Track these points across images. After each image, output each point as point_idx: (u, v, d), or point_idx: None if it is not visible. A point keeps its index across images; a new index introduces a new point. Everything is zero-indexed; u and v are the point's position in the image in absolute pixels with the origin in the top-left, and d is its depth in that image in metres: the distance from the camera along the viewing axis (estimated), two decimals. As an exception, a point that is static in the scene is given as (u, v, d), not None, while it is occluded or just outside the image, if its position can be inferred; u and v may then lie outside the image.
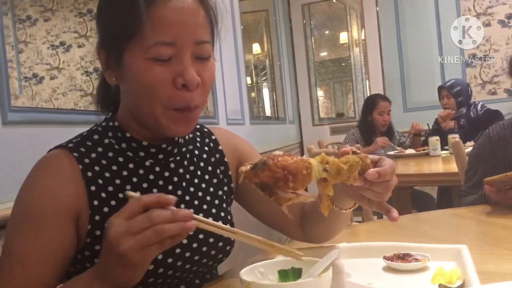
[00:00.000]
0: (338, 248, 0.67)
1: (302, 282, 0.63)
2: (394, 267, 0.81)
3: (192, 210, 0.65)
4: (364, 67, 5.20)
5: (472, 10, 4.49)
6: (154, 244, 0.62)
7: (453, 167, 2.25)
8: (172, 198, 0.64)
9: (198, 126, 1.01)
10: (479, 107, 3.48)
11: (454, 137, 3.23)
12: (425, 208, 3.12)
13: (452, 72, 4.49)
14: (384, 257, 0.84)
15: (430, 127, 3.64)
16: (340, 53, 5.71)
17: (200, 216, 0.67)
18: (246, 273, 0.66)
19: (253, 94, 4.22)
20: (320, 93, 5.80)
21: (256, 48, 4.40)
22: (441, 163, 2.94)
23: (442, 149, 3.19)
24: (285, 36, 5.12)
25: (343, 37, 5.51)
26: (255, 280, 0.66)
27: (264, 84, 4.60)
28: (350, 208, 0.83)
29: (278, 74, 4.70)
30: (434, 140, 3.19)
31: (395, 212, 0.74)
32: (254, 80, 4.31)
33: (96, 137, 0.87)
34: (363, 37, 5.12)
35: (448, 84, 3.64)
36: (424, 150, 3.33)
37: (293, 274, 0.69)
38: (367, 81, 5.15)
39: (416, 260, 0.82)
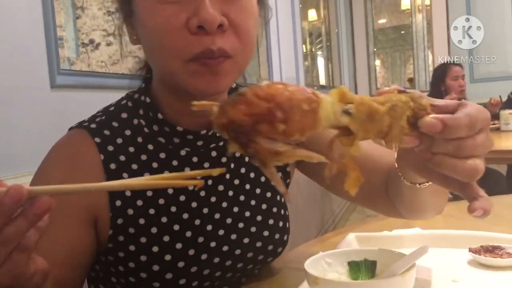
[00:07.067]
0: (427, 246, 0.53)
1: (384, 281, 0.52)
2: (483, 262, 0.70)
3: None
4: (427, 35, 4.87)
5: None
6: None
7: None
8: None
9: None
10: None
11: None
12: (494, 187, 2.90)
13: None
14: (470, 250, 0.72)
15: (503, 100, 3.34)
16: (402, 20, 5.40)
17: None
18: (311, 265, 0.57)
19: (306, 63, 4.06)
20: (377, 62, 5.55)
21: (311, 14, 4.21)
22: (514, 139, 2.70)
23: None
24: (344, 1, 4.88)
25: (405, 2, 5.20)
26: (322, 273, 0.57)
27: (319, 52, 4.42)
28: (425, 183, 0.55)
29: (335, 42, 4.49)
30: (507, 114, 2.93)
31: (481, 202, 0.43)
32: (308, 48, 4.14)
33: (124, 115, 0.72)
34: (426, 2, 4.78)
35: None
36: (494, 124, 3.08)
37: (365, 267, 0.60)
38: (430, 50, 4.83)
39: (509, 254, 0.70)
